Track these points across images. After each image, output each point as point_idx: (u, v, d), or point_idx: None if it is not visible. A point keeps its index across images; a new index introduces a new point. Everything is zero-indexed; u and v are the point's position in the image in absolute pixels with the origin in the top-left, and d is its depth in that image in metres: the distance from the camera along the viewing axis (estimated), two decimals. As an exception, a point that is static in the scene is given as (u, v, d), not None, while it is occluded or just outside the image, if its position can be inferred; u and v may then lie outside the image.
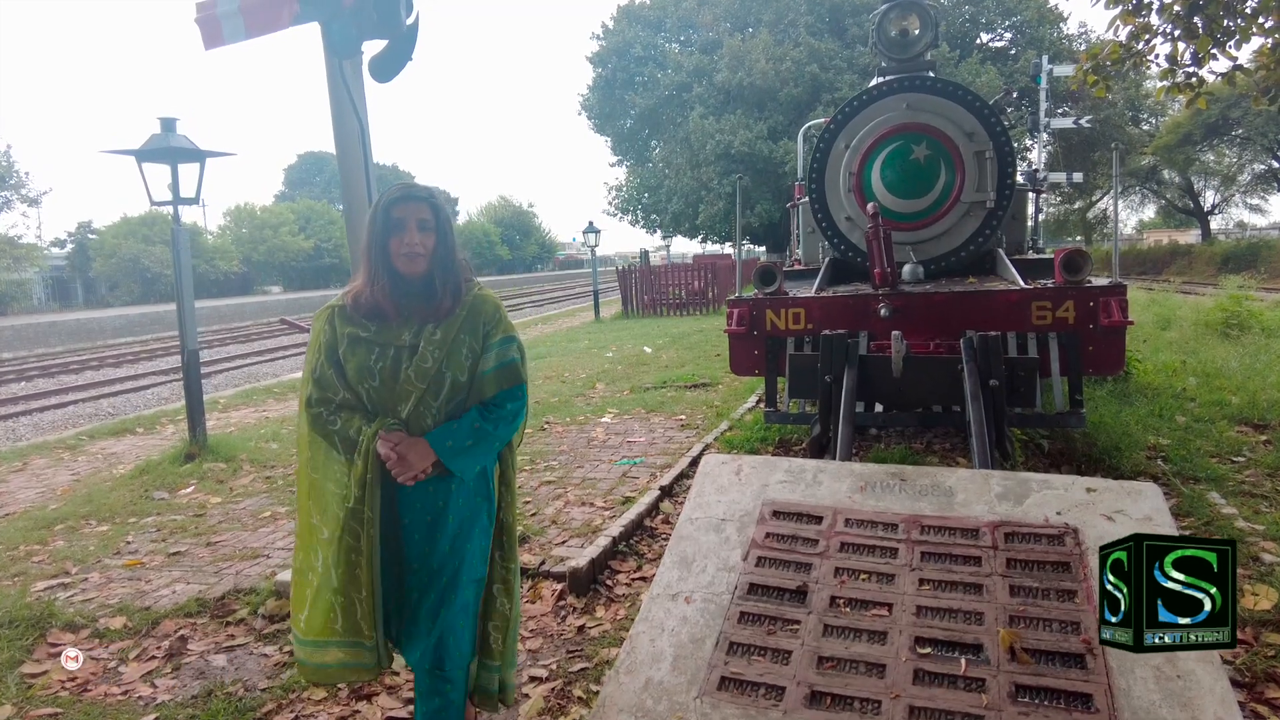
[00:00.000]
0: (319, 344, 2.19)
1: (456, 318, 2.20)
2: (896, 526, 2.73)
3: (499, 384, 2.22)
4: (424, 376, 2.13)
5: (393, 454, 2.08)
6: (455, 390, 2.17)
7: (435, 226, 2.17)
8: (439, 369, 2.15)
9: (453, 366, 2.16)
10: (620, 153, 40.24)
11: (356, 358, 2.16)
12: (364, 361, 2.15)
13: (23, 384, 15.99)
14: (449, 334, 2.17)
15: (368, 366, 2.15)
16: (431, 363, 2.14)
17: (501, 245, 73.38)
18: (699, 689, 2.22)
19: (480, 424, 2.16)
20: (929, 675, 2.16)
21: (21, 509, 5.48)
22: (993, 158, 5.82)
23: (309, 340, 2.24)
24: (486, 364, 2.21)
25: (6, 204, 32.51)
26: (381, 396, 2.15)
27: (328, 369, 2.17)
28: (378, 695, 2.88)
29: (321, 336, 2.20)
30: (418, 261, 2.14)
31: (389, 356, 2.15)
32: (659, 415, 7.32)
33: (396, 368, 2.15)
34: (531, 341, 15.61)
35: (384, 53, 3.56)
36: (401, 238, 2.13)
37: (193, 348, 6.54)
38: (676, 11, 36.86)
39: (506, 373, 2.23)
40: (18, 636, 3.40)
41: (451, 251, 2.21)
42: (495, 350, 2.22)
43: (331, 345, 2.19)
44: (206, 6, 3.46)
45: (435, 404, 2.14)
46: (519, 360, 2.27)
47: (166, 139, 6.00)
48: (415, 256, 2.14)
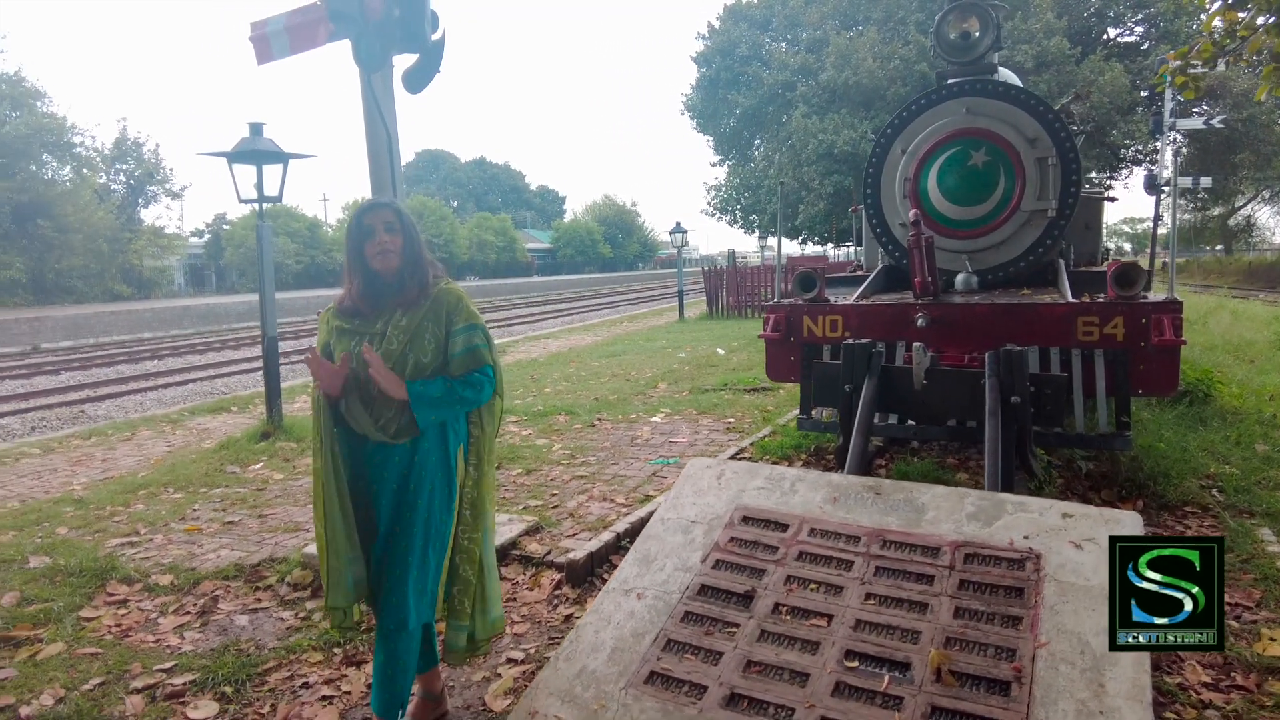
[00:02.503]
0: (320, 343, 2.55)
1: (422, 307, 2.45)
2: (859, 539, 2.73)
3: (465, 367, 2.46)
4: (390, 357, 2.39)
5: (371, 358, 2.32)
6: (418, 370, 2.41)
7: (400, 229, 2.45)
8: (403, 351, 2.41)
9: (415, 349, 2.42)
10: (722, 152, 40.17)
11: (341, 346, 2.48)
12: (346, 347, 2.45)
13: (154, 362, 17.54)
14: (413, 321, 2.44)
15: (349, 352, 2.43)
16: (396, 345, 2.41)
17: (604, 243, 74.44)
18: (627, 681, 2.32)
19: (450, 384, 2.42)
20: (849, 689, 2.18)
21: (118, 474, 6.10)
22: (1056, 164, 5.57)
23: (317, 337, 2.61)
24: (454, 348, 2.46)
25: (153, 197, 35.63)
26: (359, 376, 2.42)
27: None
28: (366, 662, 3.10)
29: (321, 336, 2.57)
30: (390, 258, 2.42)
31: (363, 342, 2.42)
32: (709, 417, 7.36)
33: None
34: (610, 340, 15.89)
35: (414, 66, 3.81)
36: (373, 241, 2.42)
37: (272, 335, 7.07)
38: (784, 10, 36.45)
39: (471, 357, 2.47)
40: (83, 585, 3.83)
41: (417, 248, 2.48)
42: (461, 336, 2.47)
43: (325, 341, 2.54)
44: (258, 26, 3.79)
45: None
46: (482, 345, 2.51)
47: (254, 142, 6.52)
48: (387, 254, 2.42)
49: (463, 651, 2.56)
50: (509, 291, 46.34)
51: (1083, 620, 2.24)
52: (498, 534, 4.17)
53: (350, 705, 2.85)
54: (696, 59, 37.88)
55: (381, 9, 3.53)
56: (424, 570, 2.41)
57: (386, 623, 2.42)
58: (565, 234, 73.07)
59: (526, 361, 12.74)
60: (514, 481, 5.42)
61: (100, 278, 31.89)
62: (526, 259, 66.22)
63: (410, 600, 2.38)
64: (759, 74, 35.00)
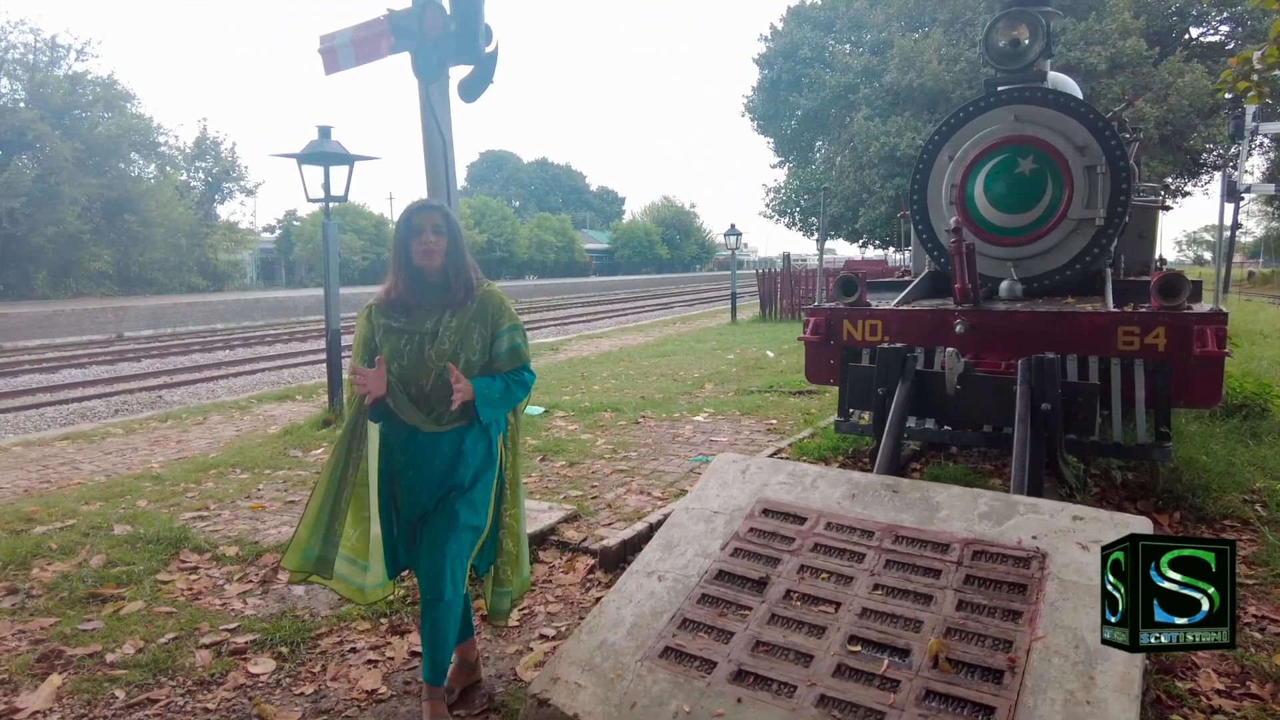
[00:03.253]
0: (361, 338, 2.69)
1: (469, 309, 2.63)
2: (873, 534, 2.85)
3: (509, 364, 2.67)
4: (443, 356, 2.57)
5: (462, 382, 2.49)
6: (468, 368, 2.59)
7: (447, 231, 2.61)
8: (455, 350, 2.58)
9: (466, 348, 2.60)
10: (782, 154, 39.97)
11: (389, 343, 2.62)
12: (395, 346, 2.60)
13: (226, 352, 18.41)
14: (463, 322, 2.61)
15: (398, 349, 2.59)
16: (449, 345, 2.58)
17: (661, 244, 74.66)
18: (643, 654, 2.49)
19: (509, 385, 2.64)
20: (850, 670, 2.31)
21: (191, 455, 6.54)
22: (1105, 172, 5.53)
23: (355, 335, 2.73)
24: (500, 348, 2.66)
25: (229, 194, 37.23)
26: (408, 373, 2.58)
27: (364, 360, 2.66)
28: (410, 632, 3.34)
29: (362, 332, 2.68)
30: (433, 258, 2.58)
31: (415, 341, 2.59)
32: (751, 418, 7.47)
33: (420, 350, 2.58)
34: (661, 340, 16.06)
35: (469, 77, 4.04)
36: (420, 239, 2.58)
37: (335, 328, 7.45)
38: (848, 12, 36.08)
39: (514, 355, 2.69)
40: (159, 552, 4.18)
41: (461, 251, 2.64)
42: (505, 336, 2.67)
43: (368, 338, 2.67)
44: (326, 39, 4.07)
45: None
46: (522, 345, 2.72)
47: (322, 145, 6.89)
48: (431, 254, 2.57)
49: (506, 613, 2.81)
50: (566, 291, 46.92)
51: (1080, 617, 2.32)
52: (538, 520, 4.40)
53: (392, 670, 3.09)
54: (758, 60, 37.80)
55: (439, 24, 3.77)
56: (460, 546, 2.60)
57: (426, 594, 2.60)
58: (623, 235, 73.53)
59: (578, 359, 13.01)
60: (558, 473, 5.64)
61: (179, 270, 33.52)
62: (585, 259, 66.91)
63: (446, 574, 2.57)
64: (821, 76, 34.75)
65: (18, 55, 28.73)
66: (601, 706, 2.33)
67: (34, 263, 29.29)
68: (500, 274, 55.74)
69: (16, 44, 28.75)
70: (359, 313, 2.72)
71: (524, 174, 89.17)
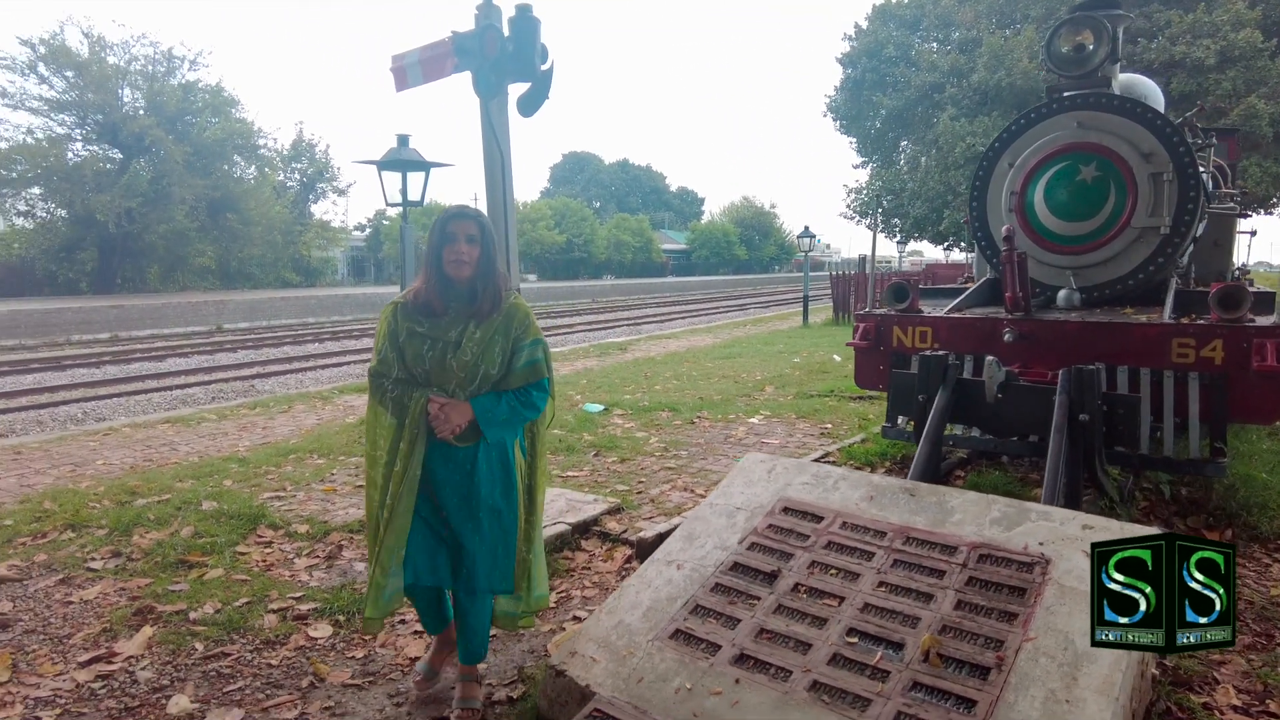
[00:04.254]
0: (385, 331, 2.73)
1: (494, 321, 2.68)
2: (885, 534, 2.96)
3: (525, 379, 2.72)
4: (464, 367, 2.64)
5: (440, 412, 2.60)
6: (486, 380, 2.67)
7: (480, 241, 2.65)
8: (475, 361, 2.65)
9: (486, 360, 2.66)
10: (865, 154, 39.30)
11: (412, 346, 2.68)
12: (418, 350, 2.67)
13: (315, 344, 19.44)
14: (487, 334, 2.67)
15: (420, 354, 2.66)
16: (470, 356, 2.65)
17: (739, 245, 74.32)
18: (655, 634, 2.68)
19: (514, 406, 2.69)
20: (844, 659, 2.44)
21: (274, 440, 7.07)
22: (1172, 180, 5.40)
23: (377, 328, 2.80)
24: (518, 362, 2.70)
25: (322, 194, 39.12)
26: (429, 378, 2.67)
27: (390, 352, 2.71)
28: (454, 609, 3.62)
29: (387, 326, 2.74)
30: (463, 268, 2.63)
31: (438, 348, 2.65)
32: (807, 421, 7.54)
33: (443, 357, 2.65)
34: (729, 342, 16.14)
35: (526, 93, 4.31)
36: (453, 247, 2.62)
37: (410, 324, 7.89)
38: (935, 9, 35.22)
39: (533, 370, 2.73)
40: (239, 526, 4.60)
41: (492, 262, 2.69)
42: (525, 351, 2.72)
43: (394, 333, 2.71)
44: (397, 59, 4.42)
45: (470, 388, 2.66)
46: (542, 360, 2.75)
47: (400, 152, 7.32)
48: (461, 264, 2.62)
49: (514, 619, 2.87)
50: (642, 291, 47.30)
51: (1074, 621, 2.39)
52: (582, 511, 4.64)
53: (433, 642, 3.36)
54: (842, 60, 37.28)
55: (498, 46, 4.05)
56: (492, 549, 2.71)
57: (459, 592, 2.75)
58: (701, 235, 73.52)
59: (644, 359, 13.24)
60: (608, 468, 5.87)
61: (274, 266, 35.46)
62: (662, 259, 67.24)
63: (480, 574, 2.70)
64: (906, 75, 34.02)
65: (139, 67, 30.97)
66: (611, 679, 2.53)
67: (147, 258, 31.55)
68: (578, 273, 56.63)
69: (139, 56, 31.01)
70: (384, 309, 2.77)
71: (605, 175, 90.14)
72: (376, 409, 2.74)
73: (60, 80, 29.28)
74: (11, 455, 6.67)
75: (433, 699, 2.91)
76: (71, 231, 29.73)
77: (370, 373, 2.77)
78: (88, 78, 29.04)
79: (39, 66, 28.82)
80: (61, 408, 11.09)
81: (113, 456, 6.56)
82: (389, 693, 2.98)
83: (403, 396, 2.66)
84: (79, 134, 30.42)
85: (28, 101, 29.16)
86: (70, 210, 29.36)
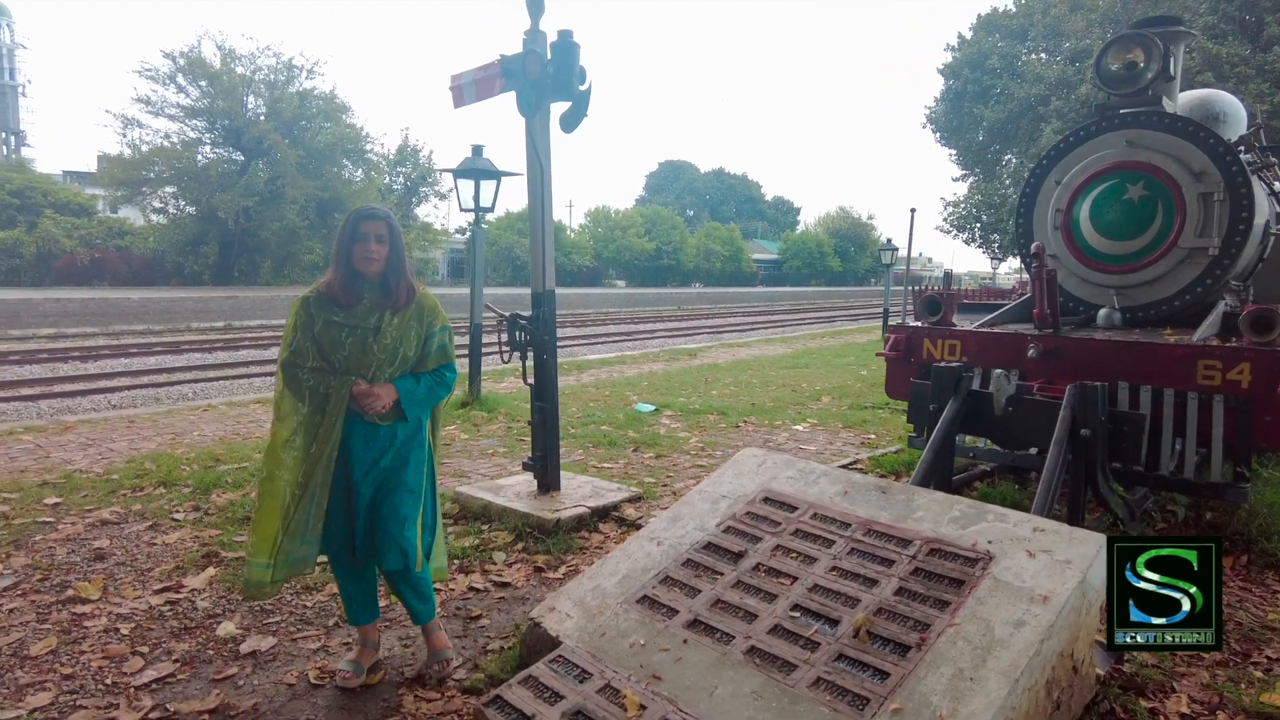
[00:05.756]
0: (296, 324, 2.86)
1: (409, 310, 2.92)
2: (849, 525, 3.17)
3: (438, 361, 3.02)
4: (384, 349, 2.87)
5: (370, 392, 2.80)
6: (404, 362, 2.92)
7: (389, 240, 2.87)
8: (395, 345, 2.89)
9: (405, 344, 2.91)
10: (966, 167, 38.28)
11: (330, 335, 2.83)
12: (336, 337, 2.83)
13: (407, 339, 20.53)
14: (404, 321, 2.91)
15: (339, 341, 2.83)
16: (390, 340, 2.88)
17: (833, 256, 73.30)
18: (625, 598, 2.99)
19: (431, 385, 2.98)
20: (783, 630, 2.69)
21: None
22: (1223, 200, 5.33)
23: (287, 321, 2.92)
24: (431, 346, 2.99)
25: (425, 197, 40.97)
26: (349, 363, 2.83)
27: (304, 342, 2.85)
28: (473, 571, 4.03)
29: (298, 318, 2.86)
30: (373, 264, 2.84)
31: (357, 334, 2.84)
32: (851, 431, 7.66)
33: (364, 342, 2.84)
34: (800, 352, 16.18)
35: (568, 111, 4.71)
36: (363, 245, 2.83)
37: (478, 323, 8.46)
38: (1044, 20, 34.01)
39: (443, 354, 3.04)
40: (303, 494, 5.17)
41: (401, 259, 2.91)
42: (437, 336, 3.01)
43: (307, 324, 2.85)
44: (456, 78, 4.90)
45: (390, 369, 2.89)
46: (449, 344, 3.06)
47: (474, 162, 7.88)
48: (370, 260, 2.84)
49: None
50: (728, 300, 47.37)
51: (1000, 612, 2.56)
52: (604, 497, 4.99)
53: (450, 598, 3.77)
54: (943, 71, 36.49)
55: (539, 69, 4.46)
56: (412, 522, 2.90)
57: (392, 568, 2.90)
58: (793, 245, 72.90)
59: (709, 366, 13.50)
60: (643, 462, 6.20)
61: (378, 265, 37.31)
62: (751, 269, 67.04)
63: (409, 547, 2.88)
64: (1009, 87, 32.97)
65: (262, 76, 33.37)
66: (578, 633, 2.86)
67: (261, 254, 33.94)
68: (666, 281, 57.15)
69: (263, 66, 33.43)
70: (293, 303, 2.92)
71: (700, 183, 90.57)
72: (287, 396, 2.85)
73: (195, 89, 31.93)
74: (126, 424, 7.56)
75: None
76: (197, 227, 32.35)
77: (282, 363, 2.88)
78: (218, 87, 31.55)
79: (178, 77, 31.52)
80: (175, 387, 12.25)
81: (207, 429, 7.34)
82: (400, 636, 3.40)
83: (319, 385, 2.83)
84: (208, 138, 33.07)
85: (167, 109, 31.97)
86: (197, 208, 31.98)
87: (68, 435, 6.96)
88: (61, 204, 33.60)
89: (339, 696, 2.90)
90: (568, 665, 2.71)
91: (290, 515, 2.78)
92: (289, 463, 2.79)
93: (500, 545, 4.38)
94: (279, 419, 2.83)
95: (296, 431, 2.81)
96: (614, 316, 31.95)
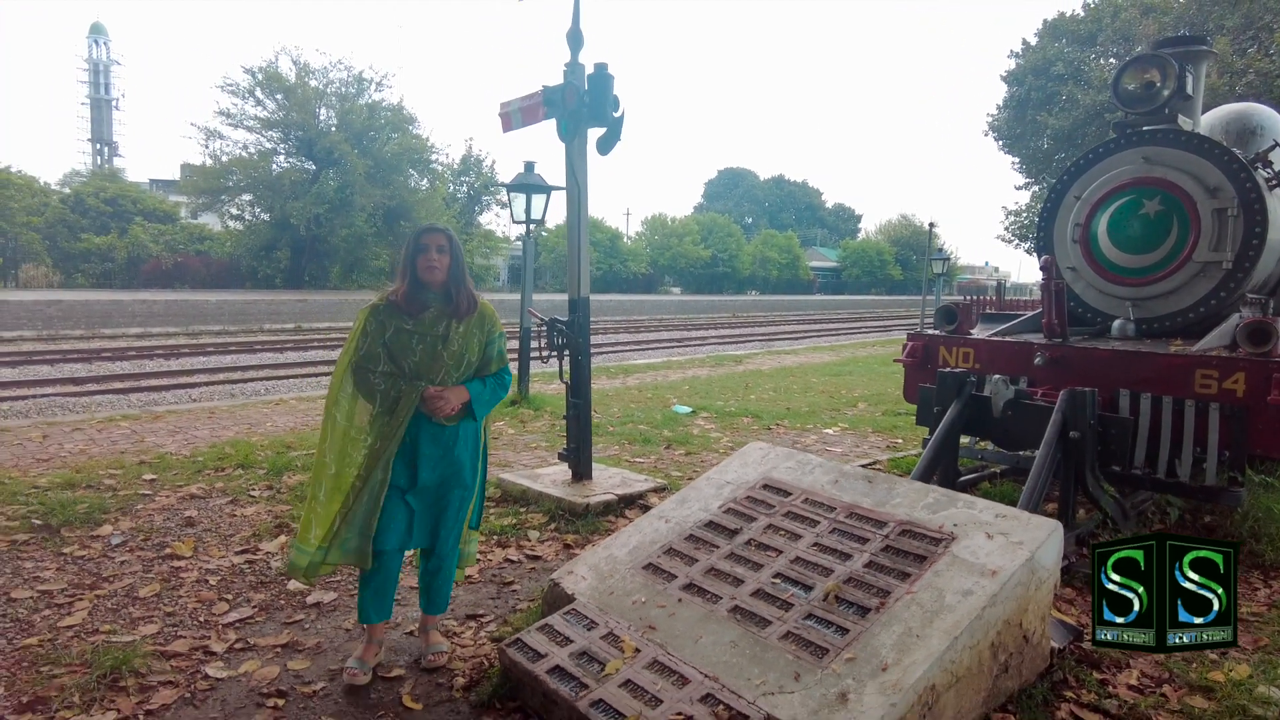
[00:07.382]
0: (365, 329, 3.08)
1: (473, 318, 3.17)
2: (834, 509, 3.56)
3: (499, 364, 3.32)
4: (453, 356, 3.11)
5: (441, 395, 3.04)
6: (469, 367, 3.18)
7: (449, 250, 3.10)
8: (461, 351, 3.13)
9: (469, 350, 3.16)
10: (1030, 175, 37.60)
11: (400, 341, 3.05)
12: (407, 344, 3.05)
13: (465, 342, 21.36)
14: (468, 328, 3.16)
15: (410, 347, 3.05)
16: (458, 347, 3.12)
17: (894, 265, 72.32)
18: (632, 565, 3.44)
19: (494, 387, 3.26)
20: (764, 594, 3.10)
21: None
22: (1238, 215, 5.52)
23: (354, 326, 3.13)
24: (492, 351, 3.26)
25: (487, 206, 42.18)
26: (419, 368, 3.05)
27: (375, 348, 3.05)
28: (508, 546, 4.53)
29: (368, 324, 3.08)
30: (435, 274, 3.07)
31: (427, 341, 3.07)
32: (879, 435, 7.95)
33: (433, 349, 3.07)
34: (844, 360, 16.37)
35: (603, 136, 5.20)
36: (426, 256, 3.07)
37: (527, 326, 9.02)
38: (1113, 24, 33.24)
39: (501, 359, 3.33)
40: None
41: (461, 269, 3.15)
42: (496, 342, 3.28)
43: (379, 331, 3.06)
44: (505, 106, 5.44)
45: (456, 374, 3.14)
46: (505, 349, 3.37)
47: (526, 177, 8.45)
48: (433, 269, 3.06)
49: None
50: (784, 308, 47.36)
51: (953, 582, 2.92)
52: (633, 486, 5.44)
53: (487, 566, 4.27)
54: (1006, 78, 35.95)
55: (575, 99, 4.96)
56: (464, 515, 3.27)
57: (442, 551, 3.21)
58: (853, 253, 72.16)
59: (751, 372, 13.84)
60: (673, 459, 6.63)
61: (441, 270, 38.61)
62: (809, 277, 66.71)
63: (456, 535, 3.25)
64: (1074, 94, 32.34)
65: (334, 89, 35.02)
66: (590, 591, 3.32)
67: (330, 259, 35.56)
68: (722, 288, 57.37)
69: (334, 80, 35.07)
70: (362, 310, 3.13)
71: (759, 191, 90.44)
72: (355, 395, 3.08)
73: (272, 102, 33.72)
74: (208, 415, 8.35)
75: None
76: (271, 233, 34.13)
77: (353, 366, 3.08)
78: (293, 100, 33.25)
79: (256, 91, 33.34)
80: (249, 384, 13.19)
81: (279, 421, 8.06)
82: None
83: (390, 388, 3.04)
84: (282, 148, 34.90)
85: (245, 121, 33.85)
86: (271, 215, 33.77)
87: (158, 423, 7.76)
88: (149, 211, 35.86)
89: (391, 636, 3.42)
90: (579, 616, 3.17)
91: (350, 505, 3.00)
92: (357, 457, 3.01)
93: (535, 525, 4.87)
94: (345, 414, 3.05)
95: (366, 427, 3.04)
96: (668, 323, 32.49)
